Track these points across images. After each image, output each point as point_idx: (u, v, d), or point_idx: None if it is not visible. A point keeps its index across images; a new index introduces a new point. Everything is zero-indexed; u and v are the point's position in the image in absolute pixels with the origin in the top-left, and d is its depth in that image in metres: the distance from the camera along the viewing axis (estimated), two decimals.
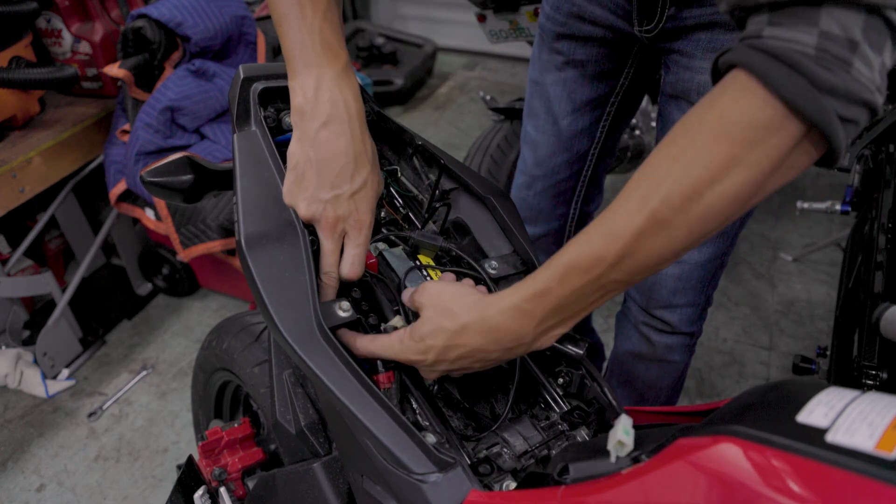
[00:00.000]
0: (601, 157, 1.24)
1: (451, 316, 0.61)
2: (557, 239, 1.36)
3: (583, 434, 0.67)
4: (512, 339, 0.59)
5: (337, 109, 0.67)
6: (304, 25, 0.66)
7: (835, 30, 0.44)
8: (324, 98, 0.67)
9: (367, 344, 0.65)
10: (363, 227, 0.69)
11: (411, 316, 0.70)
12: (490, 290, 0.75)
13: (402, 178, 0.86)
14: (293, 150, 0.69)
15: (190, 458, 1.07)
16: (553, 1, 1.06)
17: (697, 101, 0.50)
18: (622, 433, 0.51)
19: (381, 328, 0.70)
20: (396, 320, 0.70)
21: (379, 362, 0.66)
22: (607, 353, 1.88)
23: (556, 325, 0.59)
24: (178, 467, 1.10)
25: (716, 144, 0.47)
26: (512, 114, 2.04)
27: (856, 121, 0.46)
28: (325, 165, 0.67)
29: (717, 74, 0.50)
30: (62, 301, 1.92)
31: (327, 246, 0.69)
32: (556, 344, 0.64)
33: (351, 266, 0.69)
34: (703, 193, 0.48)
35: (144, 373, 1.99)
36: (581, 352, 0.69)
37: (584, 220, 1.36)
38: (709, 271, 1.09)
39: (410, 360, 0.64)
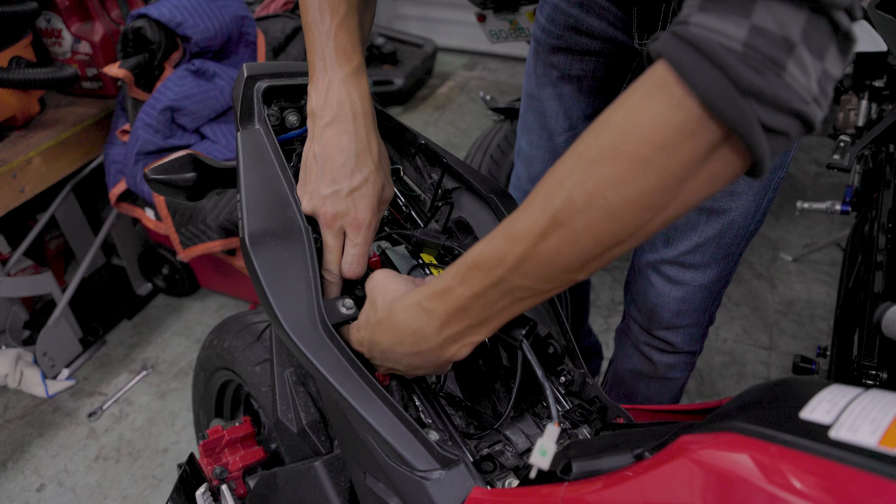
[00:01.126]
0: None
1: (374, 309, 0.61)
2: None
3: (585, 432, 0.67)
4: (415, 340, 0.57)
5: (343, 109, 0.68)
6: (321, 31, 0.68)
7: (769, 25, 0.38)
8: (332, 99, 0.68)
9: (344, 332, 0.67)
10: (361, 226, 0.68)
11: None
12: None
13: (405, 178, 0.87)
14: (304, 149, 0.70)
15: (192, 456, 1.07)
16: (548, 13, 1.02)
17: None
18: (549, 442, 0.51)
19: None
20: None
21: None
22: (605, 354, 1.89)
23: (466, 332, 0.55)
24: (180, 466, 1.10)
25: (621, 144, 0.43)
26: (512, 114, 2.04)
27: (784, 132, 0.40)
28: (326, 161, 0.67)
29: (649, 62, 0.44)
30: (62, 301, 1.92)
31: (328, 242, 0.69)
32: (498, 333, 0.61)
33: (349, 266, 0.69)
34: (607, 195, 0.44)
35: (144, 373, 1.99)
36: (518, 339, 0.63)
37: None
38: (712, 292, 1.07)
39: (358, 350, 0.65)
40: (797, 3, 0.38)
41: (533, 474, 0.54)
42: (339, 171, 0.67)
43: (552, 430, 0.53)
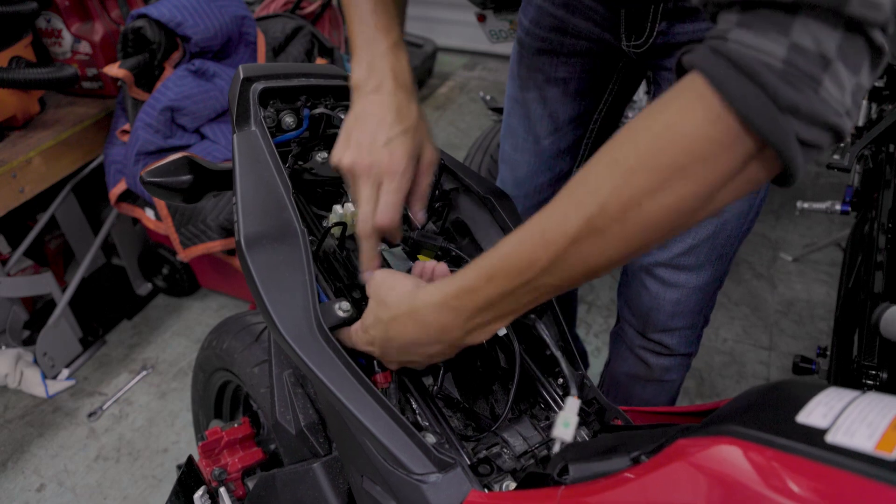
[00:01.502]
0: (594, 150, 1.22)
1: (385, 307, 0.61)
2: None
3: (582, 434, 0.67)
4: (440, 332, 0.58)
5: (385, 79, 0.70)
6: (363, 10, 0.71)
7: (807, 43, 0.40)
8: (375, 70, 0.70)
9: (342, 336, 0.67)
10: (395, 172, 0.67)
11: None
12: None
13: None
14: (346, 117, 0.71)
15: (190, 459, 1.07)
16: (532, 15, 1.00)
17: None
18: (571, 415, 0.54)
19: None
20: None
21: (375, 361, 0.66)
22: (591, 360, 1.88)
23: (491, 322, 0.57)
24: (179, 467, 1.10)
25: (660, 154, 0.44)
26: None
27: (818, 145, 0.42)
28: (366, 119, 0.69)
29: (681, 71, 0.46)
30: (62, 301, 1.92)
31: (364, 193, 0.68)
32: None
33: (382, 214, 0.67)
34: (643, 204, 0.45)
35: (144, 373, 1.99)
36: (532, 319, 0.68)
37: None
38: (707, 293, 1.06)
39: (365, 350, 0.65)
40: (833, 20, 0.39)
41: (556, 448, 0.56)
42: (377, 126, 0.68)
43: (573, 403, 0.56)
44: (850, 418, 0.40)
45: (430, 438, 0.61)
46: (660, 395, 1.22)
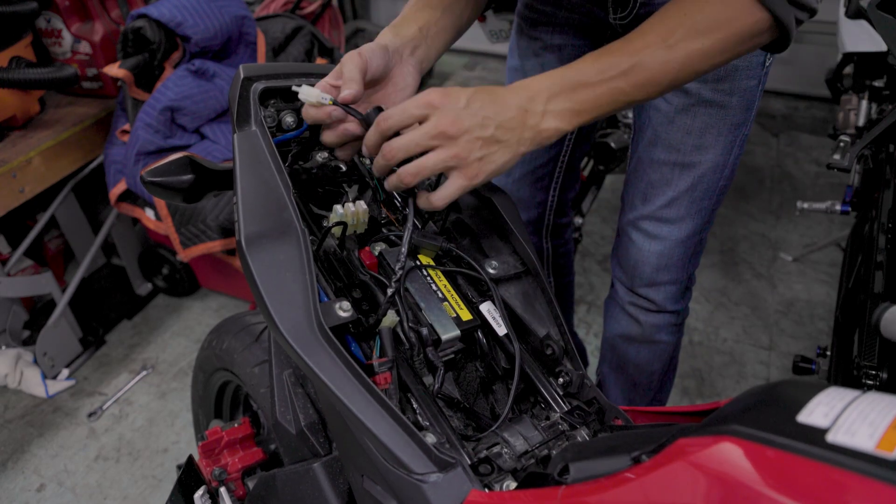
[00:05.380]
0: (577, 143, 1.27)
1: (454, 94, 0.67)
2: (537, 228, 1.38)
3: (583, 434, 0.67)
4: (523, 113, 0.68)
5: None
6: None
7: None
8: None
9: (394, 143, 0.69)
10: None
11: (408, 316, 0.70)
12: (489, 291, 0.75)
13: None
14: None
15: (190, 458, 1.07)
16: None
17: None
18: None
19: (377, 330, 0.70)
20: (390, 316, 0.70)
21: (375, 363, 0.65)
22: (591, 360, 1.90)
23: (563, 113, 0.69)
24: (179, 467, 1.10)
25: (711, 31, 0.67)
26: None
27: (802, 21, 0.69)
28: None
29: None
30: (62, 301, 1.92)
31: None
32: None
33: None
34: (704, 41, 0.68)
35: (144, 373, 1.99)
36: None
37: (562, 208, 1.38)
38: (689, 248, 1.15)
39: (423, 135, 0.67)
40: None
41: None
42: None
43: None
44: (850, 418, 0.40)
45: (431, 438, 0.61)
46: (654, 362, 1.29)
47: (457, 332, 0.70)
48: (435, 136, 0.66)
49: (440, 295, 0.73)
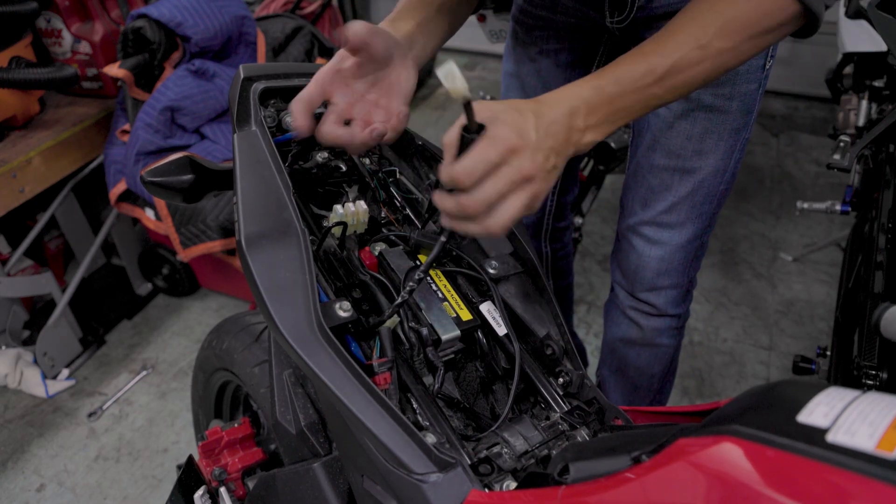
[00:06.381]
0: None
1: (518, 110, 0.63)
2: (536, 232, 1.38)
3: (583, 434, 0.67)
4: (569, 124, 0.65)
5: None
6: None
7: None
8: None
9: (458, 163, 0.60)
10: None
11: (408, 316, 0.70)
12: (489, 291, 0.75)
13: (403, 179, 0.87)
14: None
15: (190, 459, 1.07)
16: None
17: None
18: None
19: (377, 330, 0.70)
20: (392, 321, 0.70)
21: (375, 363, 0.65)
22: (590, 360, 1.90)
23: (600, 126, 0.67)
24: (179, 467, 1.10)
25: (744, 28, 0.66)
26: None
27: (829, 6, 0.68)
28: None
29: None
30: (62, 301, 1.92)
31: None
32: None
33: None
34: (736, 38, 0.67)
35: (144, 373, 1.99)
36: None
37: (560, 212, 1.37)
38: (689, 252, 1.14)
39: (518, 137, 0.60)
40: None
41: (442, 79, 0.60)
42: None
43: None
44: (850, 418, 0.40)
45: (431, 438, 0.61)
46: (654, 364, 1.28)
47: (457, 332, 0.70)
48: (518, 182, 0.61)
49: (440, 295, 0.73)
